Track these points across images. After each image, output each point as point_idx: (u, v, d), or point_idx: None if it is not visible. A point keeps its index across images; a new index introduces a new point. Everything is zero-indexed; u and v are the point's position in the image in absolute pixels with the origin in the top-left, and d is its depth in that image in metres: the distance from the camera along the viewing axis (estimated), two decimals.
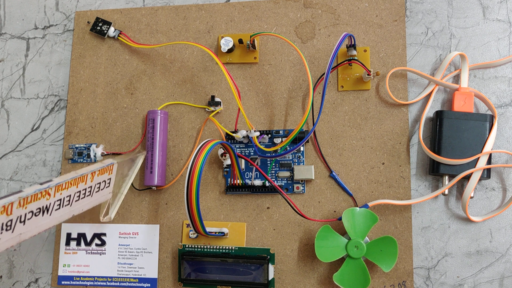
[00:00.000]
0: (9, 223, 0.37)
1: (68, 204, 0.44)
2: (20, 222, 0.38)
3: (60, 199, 0.42)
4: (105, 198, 0.52)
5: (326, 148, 0.56)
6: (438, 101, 0.55)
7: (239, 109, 0.54)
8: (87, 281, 0.58)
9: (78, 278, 0.58)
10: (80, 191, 0.45)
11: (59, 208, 0.43)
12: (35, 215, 0.39)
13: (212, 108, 0.58)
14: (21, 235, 0.39)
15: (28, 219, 0.39)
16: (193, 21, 0.61)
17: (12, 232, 0.38)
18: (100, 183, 0.48)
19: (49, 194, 0.40)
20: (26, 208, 0.38)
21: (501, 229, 0.52)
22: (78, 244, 0.58)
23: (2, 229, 0.36)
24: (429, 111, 0.55)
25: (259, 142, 0.55)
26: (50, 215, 0.42)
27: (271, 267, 0.53)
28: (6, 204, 0.35)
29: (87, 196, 0.47)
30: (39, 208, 0.40)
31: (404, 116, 0.55)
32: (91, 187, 0.46)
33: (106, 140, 0.60)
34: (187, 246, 0.56)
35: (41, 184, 0.39)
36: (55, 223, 0.43)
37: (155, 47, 0.60)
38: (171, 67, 0.60)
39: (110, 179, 0.51)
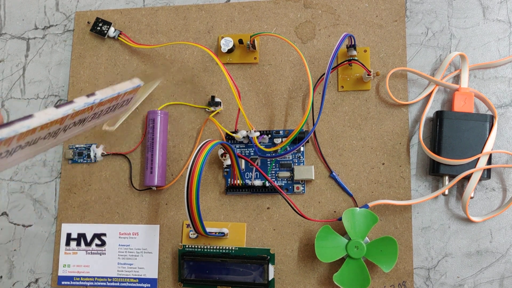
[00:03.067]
0: (57, 131, 0.37)
1: (98, 118, 0.45)
2: (64, 131, 0.39)
3: (96, 113, 0.43)
4: (120, 113, 0.52)
5: (326, 148, 0.56)
6: (438, 102, 0.55)
7: (239, 109, 0.54)
8: (87, 281, 0.58)
9: (78, 279, 0.58)
10: (110, 107, 0.45)
11: (91, 120, 0.43)
12: (75, 125, 0.40)
13: (212, 108, 0.58)
14: (58, 140, 0.40)
15: (69, 128, 0.39)
16: (193, 22, 0.61)
17: (55, 138, 0.38)
18: (124, 100, 0.48)
19: (91, 109, 0.40)
20: (73, 118, 0.38)
21: (501, 230, 0.52)
22: (78, 244, 0.58)
23: (51, 136, 0.37)
24: (429, 111, 0.55)
25: (259, 142, 0.55)
26: (83, 126, 0.42)
27: (271, 268, 0.53)
28: (64, 115, 0.36)
29: (112, 111, 0.47)
30: (80, 120, 0.40)
31: (404, 116, 0.55)
32: (118, 103, 0.47)
33: (106, 140, 0.60)
34: (187, 246, 0.56)
35: (87, 96, 0.39)
36: (80, 132, 0.44)
37: (155, 48, 0.60)
38: (171, 67, 0.60)
39: (132, 98, 0.51)
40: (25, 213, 0.61)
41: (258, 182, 0.55)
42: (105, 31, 0.61)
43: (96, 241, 0.58)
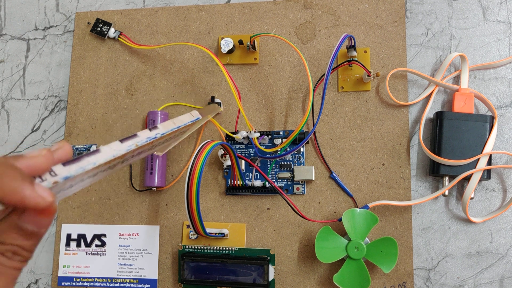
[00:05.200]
0: (116, 164, 0.38)
1: (153, 148, 0.45)
2: (122, 163, 0.39)
3: (154, 145, 0.43)
4: (174, 142, 0.51)
5: (326, 149, 0.56)
6: (438, 102, 0.55)
7: (239, 110, 0.54)
8: (87, 282, 0.58)
9: (78, 279, 0.58)
10: (166, 139, 0.45)
11: (147, 151, 0.44)
12: (132, 157, 0.40)
13: None
14: (114, 171, 0.40)
15: (127, 160, 0.40)
16: (193, 22, 0.61)
17: (112, 169, 0.39)
18: (181, 131, 0.48)
19: (151, 143, 0.41)
20: (133, 152, 0.39)
21: (501, 230, 0.52)
22: (78, 245, 0.58)
23: (109, 168, 0.37)
24: (429, 112, 0.55)
25: (259, 143, 0.55)
26: (139, 156, 0.43)
27: (271, 268, 0.53)
28: (128, 151, 0.36)
29: (166, 141, 0.47)
30: (138, 152, 0.41)
31: (404, 117, 0.55)
32: (175, 135, 0.47)
33: (106, 141, 0.60)
34: (187, 247, 0.56)
35: (149, 130, 0.40)
36: (135, 161, 0.45)
37: (155, 48, 0.60)
38: (171, 68, 0.60)
39: (188, 129, 0.50)
40: None
41: (258, 183, 0.55)
42: (105, 32, 0.61)
43: (96, 241, 0.58)
